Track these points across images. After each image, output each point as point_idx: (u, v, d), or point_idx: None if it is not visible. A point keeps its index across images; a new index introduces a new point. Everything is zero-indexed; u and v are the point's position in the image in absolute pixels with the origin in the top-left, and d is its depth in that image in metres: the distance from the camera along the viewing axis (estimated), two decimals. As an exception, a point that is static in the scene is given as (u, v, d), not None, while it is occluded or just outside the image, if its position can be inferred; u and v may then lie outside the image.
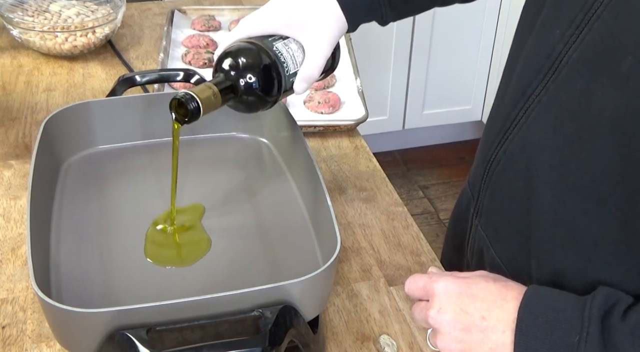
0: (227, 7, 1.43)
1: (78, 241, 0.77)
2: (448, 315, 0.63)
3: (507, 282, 0.64)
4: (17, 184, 0.95)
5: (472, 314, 0.62)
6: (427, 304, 0.65)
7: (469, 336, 0.62)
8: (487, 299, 0.62)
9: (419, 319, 0.67)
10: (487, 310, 0.61)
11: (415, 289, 0.67)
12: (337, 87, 1.18)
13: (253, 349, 0.60)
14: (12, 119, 1.10)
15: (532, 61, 0.68)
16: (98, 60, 1.28)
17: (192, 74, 0.99)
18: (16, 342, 0.73)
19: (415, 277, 0.67)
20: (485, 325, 0.61)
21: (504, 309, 0.61)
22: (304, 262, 0.75)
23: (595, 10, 0.60)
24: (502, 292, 0.62)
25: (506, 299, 0.61)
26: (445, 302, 0.63)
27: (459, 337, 0.62)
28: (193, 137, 0.94)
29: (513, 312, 0.60)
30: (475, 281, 0.64)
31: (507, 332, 0.60)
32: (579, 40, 0.62)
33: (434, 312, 0.63)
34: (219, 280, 0.73)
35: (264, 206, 0.83)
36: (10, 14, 1.25)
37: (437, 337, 0.64)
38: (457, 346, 0.62)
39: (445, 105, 2.54)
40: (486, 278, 0.64)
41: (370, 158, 1.04)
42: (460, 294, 0.63)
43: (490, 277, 0.65)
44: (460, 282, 0.64)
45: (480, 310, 0.62)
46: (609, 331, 0.56)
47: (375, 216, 0.93)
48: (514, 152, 0.70)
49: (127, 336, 0.60)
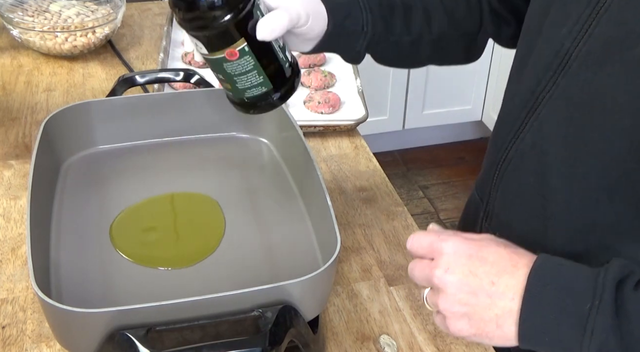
0: (227, 7, 1.43)
1: (78, 241, 0.77)
2: (456, 276, 0.60)
3: (518, 249, 0.61)
4: (17, 184, 0.95)
5: (481, 278, 0.59)
6: (431, 262, 0.62)
7: (475, 299, 0.59)
8: (497, 264, 0.60)
9: (420, 278, 0.64)
10: (496, 275, 0.59)
11: (419, 247, 0.63)
12: (337, 87, 1.18)
13: (253, 349, 0.60)
14: (12, 119, 1.10)
15: (540, 61, 0.69)
16: (98, 60, 1.28)
17: (192, 74, 0.99)
18: (16, 342, 0.73)
19: (421, 235, 0.64)
20: (493, 290, 0.59)
21: (514, 276, 0.59)
22: (304, 262, 0.75)
23: (602, 4, 0.62)
24: (513, 258, 0.60)
25: (517, 266, 0.59)
26: (454, 263, 0.60)
27: (464, 299, 0.60)
28: (193, 137, 0.94)
29: (523, 280, 0.58)
30: (486, 244, 0.61)
31: (516, 299, 0.58)
32: (587, 35, 0.63)
33: (440, 272, 0.60)
34: (219, 280, 0.73)
35: (264, 206, 0.83)
36: (10, 14, 1.25)
37: (440, 297, 0.61)
38: (461, 309, 0.60)
39: (445, 105, 2.54)
40: (497, 242, 0.62)
41: (370, 158, 1.04)
42: (471, 256, 0.60)
43: (501, 242, 0.62)
44: (471, 244, 0.61)
45: (490, 275, 0.59)
46: (622, 300, 0.55)
47: (375, 216, 0.93)
48: (525, 150, 0.71)
49: (127, 336, 0.60)
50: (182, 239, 0.79)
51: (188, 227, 0.80)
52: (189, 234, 0.79)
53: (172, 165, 0.89)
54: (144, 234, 0.79)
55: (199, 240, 0.78)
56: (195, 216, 0.82)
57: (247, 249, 0.77)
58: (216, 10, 0.64)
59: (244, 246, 0.78)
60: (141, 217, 0.81)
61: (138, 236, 0.78)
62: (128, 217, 0.80)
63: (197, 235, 0.79)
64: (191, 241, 0.78)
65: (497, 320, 0.59)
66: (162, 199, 0.83)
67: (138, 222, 0.80)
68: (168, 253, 0.77)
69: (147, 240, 0.78)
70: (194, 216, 0.82)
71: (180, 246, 0.78)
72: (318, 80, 1.17)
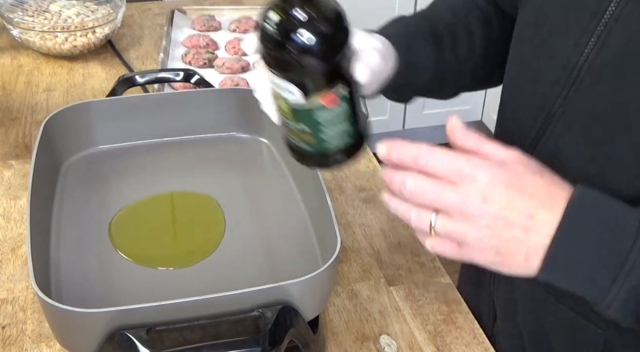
0: (227, 7, 1.43)
1: (78, 241, 0.77)
2: (493, 207, 0.55)
3: (554, 177, 0.58)
4: (17, 184, 0.95)
5: (520, 211, 0.55)
6: (456, 187, 0.56)
7: (510, 232, 0.55)
8: (535, 196, 0.56)
9: (431, 198, 0.57)
10: (535, 208, 0.55)
11: (437, 166, 0.56)
12: (337, 87, 1.18)
13: (253, 349, 0.60)
14: (12, 119, 1.10)
15: (545, 76, 0.67)
16: (98, 60, 1.28)
17: (192, 74, 0.99)
18: (16, 342, 0.73)
19: (444, 153, 0.56)
20: (530, 224, 0.55)
21: (552, 210, 0.55)
22: (304, 262, 0.75)
23: (610, 14, 0.60)
24: (551, 190, 0.56)
25: (556, 199, 0.56)
26: (491, 193, 0.55)
27: (498, 232, 0.55)
28: (193, 137, 0.94)
29: (561, 215, 0.55)
30: (521, 172, 0.57)
31: (552, 236, 0.55)
32: (598, 46, 0.61)
33: (476, 201, 0.55)
34: (219, 280, 0.73)
35: (264, 206, 0.83)
36: (10, 14, 1.25)
37: (468, 226, 0.56)
38: (492, 241, 0.56)
39: (445, 105, 2.53)
40: (532, 170, 0.57)
41: (370, 158, 1.04)
42: (510, 186, 0.55)
43: (535, 169, 0.57)
44: (507, 172, 0.56)
45: (528, 207, 0.55)
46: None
47: (375, 216, 0.93)
48: None
49: (127, 336, 0.60)
50: (182, 239, 0.79)
51: (188, 227, 0.80)
52: (189, 234, 0.79)
53: (172, 165, 0.89)
54: (144, 234, 0.79)
55: (199, 240, 0.78)
56: (195, 215, 0.82)
57: (247, 249, 0.77)
58: (325, 48, 0.56)
59: (244, 245, 0.78)
60: (141, 217, 0.81)
61: (138, 235, 0.78)
62: (128, 217, 0.80)
63: (197, 235, 0.79)
64: (191, 240, 0.78)
65: (527, 254, 0.56)
66: (162, 198, 0.83)
67: (138, 222, 0.80)
68: (168, 253, 0.77)
69: (147, 240, 0.78)
70: (194, 215, 0.82)
71: (180, 246, 0.78)
72: (318, 80, 1.16)
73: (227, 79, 1.17)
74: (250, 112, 0.91)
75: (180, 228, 0.80)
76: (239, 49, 1.26)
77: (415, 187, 0.57)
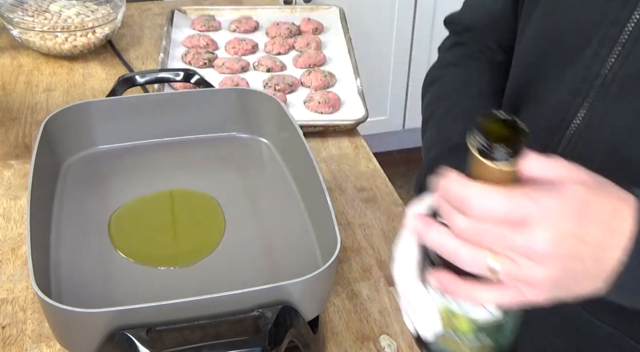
0: (227, 7, 1.43)
1: (78, 241, 0.77)
2: (564, 247, 0.49)
3: (611, 187, 0.51)
4: (17, 184, 0.95)
5: (590, 243, 0.49)
6: (522, 229, 0.48)
7: (581, 267, 0.50)
8: (603, 221, 0.50)
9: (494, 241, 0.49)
10: (604, 236, 0.50)
11: (492, 210, 0.48)
12: (337, 87, 1.18)
13: (253, 349, 0.60)
14: (12, 119, 1.10)
15: (561, 87, 0.65)
16: (98, 60, 1.28)
17: (192, 74, 0.99)
18: (16, 342, 0.73)
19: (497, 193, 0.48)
20: (601, 254, 0.50)
21: (622, 232, 0.50)
22: (304, 262, 0.75)
23: (633, 24, 0.59)
24: (616, 207, 0.50)
25: (623, 217, 0.50)
26: (559, 231, 0.48)
27: (570, 269, 0.50)
28: (193, 137, 0.94)
29: (631, 234, 0.50)
30: (584, 198, 0.50)
31: (625, 262, 0.50)
32: (622, 56, 0.60)
33: (544, 243, 0.48)
34: (219, 280, 0.73)
35: (264, 206, 0.83)
36: (10, 14, 1.25)
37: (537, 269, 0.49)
38: (562, 281, 0.50)
39: (445, 105, 2.53)
40: (594, 192, 0.50)
41: (370, 158, 1.04)
42: (576, 218, 0.49)
43: (595, 186, 0.50)
44: (571, 200, 0.49)
45: (599, 236, 0.49)
46: None
47: (375, 216, 0.93)
48: None
49: (127, 336, 0.60)
50: (182, 239, 0.79)
51: (188, 227, 0.80)
52: (189, 234, 0.79)
53: (172, 165, 0.89)
54: (144, 233, 0.79)
55: (199, 240, 0.78)
56: (195, 215, 0.82)
57: (247, 249, 0.77)
58: None
59: (244, 245, 0.78)
60: (141, 216, 0.81)
61: (138, 235, 0.78)
62: (128, 217, 0.80)
63: (197, 235, 0.79)
64: (191, 240, 0.78)
65: (596, 282, 0.51)
66: (162, 198, 0.83)
67: (138, 222, 0.80)
68: (168, 253, 0.77)
69: (147, 240, 0.78)
70: (194, 215, 0.82)
71: (180, 246, 0.78)
72: (318, 80, 1.17)
73: (227, 79, 1.17)
74: (250, 112, 0.92)
75: (180, 228, 0.80)
76: (239, 49, 1.26)
77: (469, 226, 0.49)
